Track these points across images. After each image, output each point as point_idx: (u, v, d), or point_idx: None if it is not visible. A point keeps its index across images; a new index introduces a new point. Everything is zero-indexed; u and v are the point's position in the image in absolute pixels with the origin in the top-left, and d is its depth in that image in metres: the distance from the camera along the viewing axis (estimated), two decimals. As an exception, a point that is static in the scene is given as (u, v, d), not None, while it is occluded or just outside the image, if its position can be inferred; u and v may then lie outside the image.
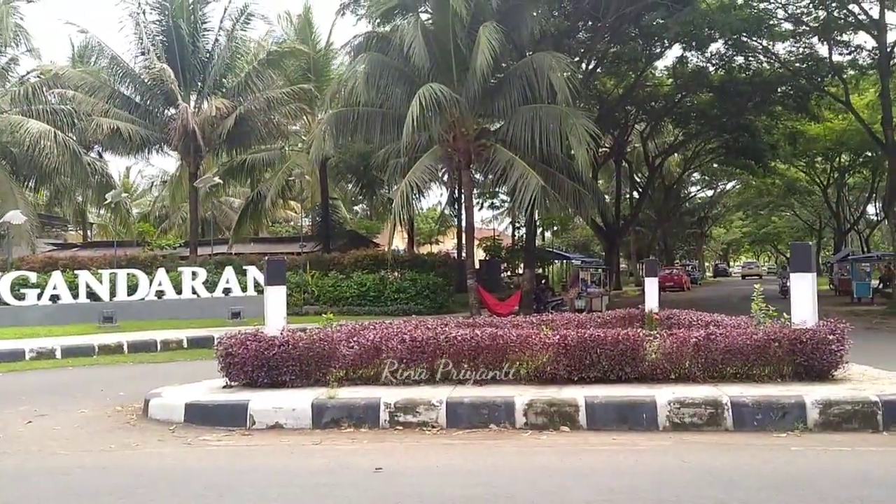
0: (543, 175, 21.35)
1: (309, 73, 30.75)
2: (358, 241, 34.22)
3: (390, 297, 24.32)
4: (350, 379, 8.97)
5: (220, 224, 41.82)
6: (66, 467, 6.61)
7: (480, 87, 21.47)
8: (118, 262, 23.30)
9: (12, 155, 28.42)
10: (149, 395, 9.16)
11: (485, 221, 54.30)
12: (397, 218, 21.57)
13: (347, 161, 30.86)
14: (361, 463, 6.62)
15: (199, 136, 26.32)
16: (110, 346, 16.16)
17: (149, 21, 27.78)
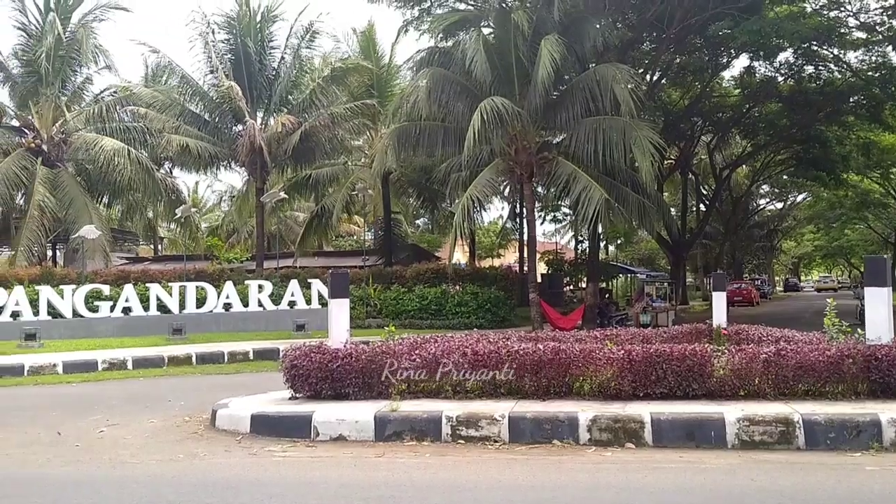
0: (607, 188, 21.13)
1: (372, 88, 31.13)
2: (419, 255, 34.39)
3: (451, 310, 24.32)
4: (412, 392, 8.98)
5: (285, 238, 42.56)
6: (136, 476, 6.75)
7: (542, 99, 21.39)
8: (187, 276, 23.86)
9: (87, 171, 29.47)
10: (216, 406, 9.33)
11: (547, 235, 54.02)
12: (458, 232, 21.55)
13: (409, 175, 31.06)
14: (424, 477, 6.62)
15: (265, 152, 26.85)
16: (179, 357, 16.52)
17: (217, 40, 28.52)
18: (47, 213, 25.85)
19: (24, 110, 28.59)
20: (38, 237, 26.16)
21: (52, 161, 27.79)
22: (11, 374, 14.76)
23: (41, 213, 25.62)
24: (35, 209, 25.49)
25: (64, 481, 6.74)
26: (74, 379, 14.49)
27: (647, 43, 29.44)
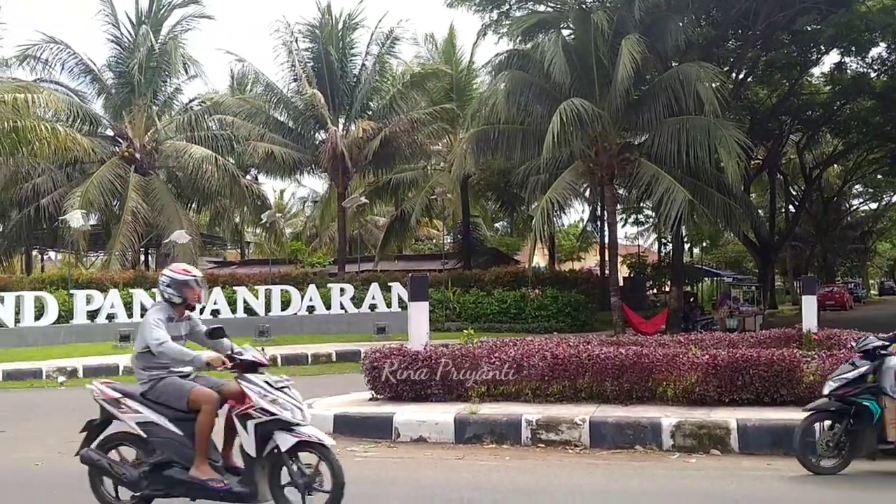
0: (691, 189, 20.66)
1: (451, 92, 31.26)
2: (498, 259, 34.31)
3: (531, 314, 24.17)
4: (491, 395, 8.99)
5: (366, 242, 43.08)
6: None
7: (623, 100, 21.08)
8: (272, 279, 24.42)
9: (178, 178, 30.52)
10: (300, 406, 9.52)
11: (629, 237, 53.11)
12: (538, 235, 21.39)
13: (488, 179, 31.03)
14: (504, 479, 6.61)
15: (346, 158, 27.29)
16: (265, 358, 16.89)
17: (301, 49, 29.15)
18: (140, 218, 26.85)
19: (118, 120, 29.80)
20: (131, 242, 27.20)
21: (145, 169, 28.88)
22: (108, 373, 15.38)
23: (134, 219, 26.64)
24: (128, 215, 26.52)
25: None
26: (166, 378, 14.98)
27: (731, 40, 28.64)
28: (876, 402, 6.47)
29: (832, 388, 6.69)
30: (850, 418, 6.60)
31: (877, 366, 6.60)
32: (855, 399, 6.54)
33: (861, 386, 6.57)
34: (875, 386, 6.54)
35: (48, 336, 19.26)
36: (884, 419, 6.43)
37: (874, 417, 6.43)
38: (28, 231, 30.04)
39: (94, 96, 30.49)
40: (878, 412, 6.43)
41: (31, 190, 28.23)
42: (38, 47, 28.40)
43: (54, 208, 27.33)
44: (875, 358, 6.63)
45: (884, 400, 6.47)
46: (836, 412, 6.67)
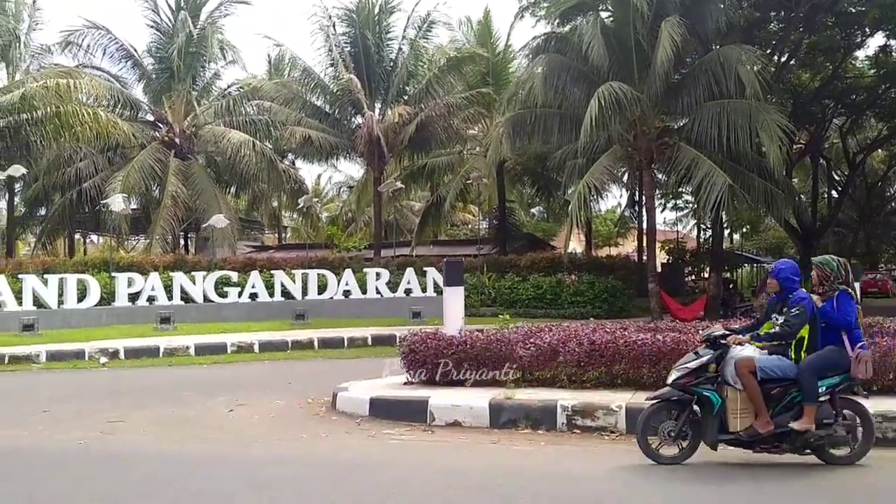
0: (731, 174, 20.33)
1: (488, 76, 31.07)
2: (534, 244, 34.17)
3: (567, 300, 24.04)
4: (526, 380, 8.97)
5: (401, 227, 43.20)
6: (262, 455, 7.04)
7: (663, 83, 20.78)
8: (309, 263, 24.58)
9: (216, 163, 30.85)
10: (337, 389, 9.61)
11: (667, 223, 52.50)
12: (574, 220, 21.23)
13: (524, 163, 30.83)
14: (539, 465, 6.60)
15: (382, 143, 27.31)
16: (302, 341, 17.09)
17: (338, 33, 29.18)
18: (180, 203, 27.19)
19: (157, 105, 30.15)
20: (171, 226, 27.58)
21: (184, 153, 29.20)
22: (148, 355, 15.68)
23: (174, 203, 26.98)
24: (168, 199, 26.87)
25: (198, 458, 7.10)
26: (205, 361, 15.25)
27: (774, 23, 28.03)
28: (717, 393, 6.41)
29: (674, 378, 6.59)
30: (692, 408, 6.53)
31: (719, 356, 6.50)
32: (696, 389, 6.47)
33: (703, 376, 6.50)
34: (717, 376, 6.48)
35: (90, 318, 19.62)
36: (725, 409, 6.38)
37: (715, 408, 6.39)
38: (71, 214, 30.60)
39: (135, 82, 30.89)
40: (718, 402, 6.38)
41: (73, 174, 28.73)
42: (79, 33, 28.79)
43: (96, 192, 27.79)
44: (718, 347, 6.53)
45: (726, 390, 6.40)
46: (678, 401, 6.58)
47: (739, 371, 6.30)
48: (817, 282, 6.61)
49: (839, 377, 6.35)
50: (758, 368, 6.31)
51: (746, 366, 6.30)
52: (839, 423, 6.36)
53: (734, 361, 6.37)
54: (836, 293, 6.43)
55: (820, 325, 6.46)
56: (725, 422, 6.38)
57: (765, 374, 6.32)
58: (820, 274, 6.57)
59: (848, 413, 6.46)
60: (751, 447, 6.45)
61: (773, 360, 6.39)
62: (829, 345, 6.41)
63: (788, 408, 6.35)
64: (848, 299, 6.41)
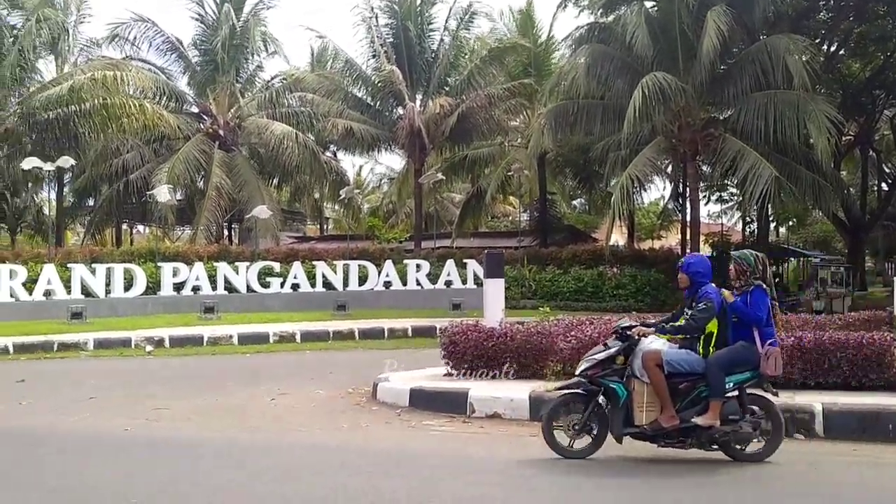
0: (778, 166, 19.98)
1: (530, 67, 30.88)
2: (576, 236, 33.93)
3: (609, 293, 23.84)
4: (567, 373, 8.90)
5: (442, 219, 43.24)
6: (305, 443, 7.10)
7: (708, 74, 20.49)
8: (350, 254, 24.74)
9: (259, 155, 31.16)
10: (377, 380, 9.66)
11: (711, 216, 51.73)
12: (617, 212, 21.08)
13: (566, 155, 30.61)
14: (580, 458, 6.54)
15: (424, 134, 27.34)
16: (343, 332, 17.21)
17: (380, 25, 29.25)
18: (224, 194, 27.54)
19: (202, 97, 30.54)
20: (215, 217, 27.95)
21: (228, 145, 29.55)
22: (192, 343, 15.92)
23: (218, 195, 27.34)
24: (213, 190, 27.23)
25: (244, 446, 7.19)
26: (248, 350, 15.44)
27: (823, 12, 27.40)
28: (623, 385, 6.29)
29: (582, 369, 6.46)
30: (599, 400, 6.40)
31: (627, 348, 6.37)
32: (603, 380, 6.34)
33: (610, 367, 6.38)
34: (625, 368, 6.35)
35: (136, 306, 19.98)
36: (632, 402, 6.26)
37: (620, 400, 6.27)
38: (118, 205, 31.18)
39: (180, 74, 31.33)
40: (623, 395, 6.27)
41: (120, 165, 29.26)
42: (126, 26, 29.25)
43: (142, 183, 28.28)
44: (626, 339, 6.38)
45: (633, 383, 6.27)
46: (584, 393, 6.46)
47: (646, 364, 6.20)
48: (734, 276, 6.45)
49: (748, 373, 6.23)
50: (664, 362, 6.19)
51: (653, 359, 6.20)
52: (746, 419, 6.23)
53: (641, 354, 6.27)
54: (751, 288, 6.30)
55: (731, 320, 6.32)
56: (632, 415, 6.26)
57: (672, 368, 6.21)
58: (737, 268, 6.42)
59: (757, 410, 6.33)
60: (656, 441, 6.33)
61: (680, 354, 6.29)
62: (740, 340, 6.28)
63: (695, 402, 6.22)
64: (761, 295, 6.26)
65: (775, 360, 6.18)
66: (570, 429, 6.42)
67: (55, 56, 29.25)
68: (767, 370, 6.18)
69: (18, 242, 40.08)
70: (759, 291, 6.26)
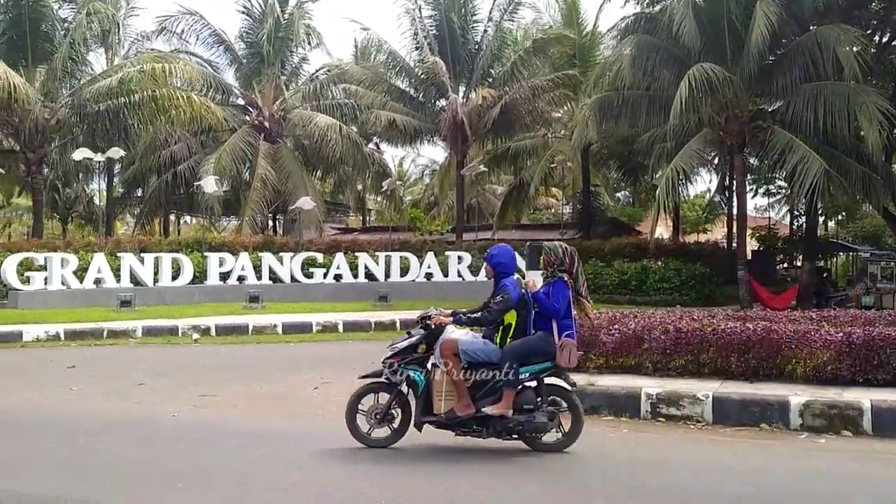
0: (827, 159, 19.56)
1: (574, 58, 30.61)
2: (619, 229, 33.63)
3: (652, 286, 23.62)
4: (609, 367, 8.87)
5: (484, 210, 43.17)
6: (344, 431, 7.13)
7: (756, 64, 20.11)
8: (392, 246, 24.87)
9: (304, 147, 31.46)
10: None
11: (758, 209, 50.90)
12: (661, 205, 20.82)
13: (610, 147, 30.33)
14: (622, 452, 6.53)
15: (466, 126, 27.31)
16: (384, 322, 17.32)
17: (423, 17, 29.28)
18: (269, 185, 27.87)
19: (248, 89, 30.89)
20: (260, 207, 28.30)
21: (273, 137, 29.87)
22: (238, 332, 16.16)
23: (263, 186, 27.67)
24: (258, 182, 27.57)
25: (284, 433, 7.30)
26: (292, 339, 15.62)
27: (875, 2, 26.73)
28: (422, 373, 6.35)
29: (385, 357, 6.49)
30: (401, 389, 6.45)
31: (429, 336, 6.43)
32: (404, 369, 6.41)
33: (410, 356, 6.45)
34: (426, 356, 6.40)
35: (183, 295, 20.34)
36: (431, 390, 6.29)
37: (420, 388, 6.34)
38: (166, 195, 31.74)
39: (227, 66, 31.74)
40: (422, 383, 6.33)
41: (168, 156, 29.78)
42: (174, 19, 29.72)
43: (190, 174, 28.74)
44: (429, 328, 6.43)
45: (434, 371, 6.30)
46: (387, 382, 6.49)
47: (443, 353, 6.27)
48: (544, 266, 6.56)
49: (544, 364, 6.30)
50: (461, 351, 6.25)
51: (450, 348, 6.26)
52: (542, 409, 6.27)
53: (440, 343, 6.31)
54: (554, 280, 6.39)
55: (533, 311, 6.38)
56: (430, 404, 6.31)
57: (469, 357, 6.26)
58: (546, 259, 6.55)
59: (556, 400, 6.40)
60: (452, 429, 6.38)
61: (476, 344, 6.35)
62: (542, 331, 6.34)
63: (493, 392, 6.26)
64: (562, 287, 6.35)
65: (570, 351, 6.27)
66: (372, 417, 6.52)
67: (105, 49, 29.81)
68: (562, 361, 6.26)
69: (70, 232, 41.09)
70: (560, 283, 6.36)
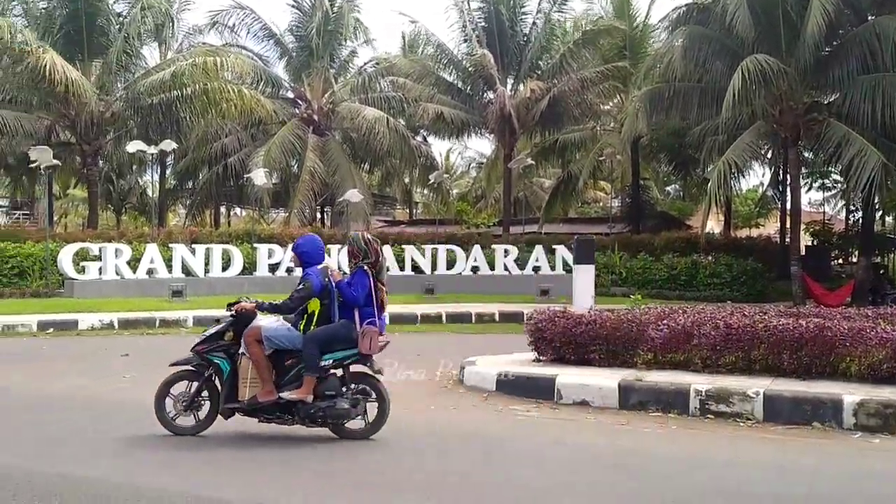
0: (885, 152, 19.02)
1: (625, 50, 30.22)
2: (669, 223, 33.17)
3: (703, 281, 23.29)
4: (658, 362, 8.75)
5: (531, 204, 42.98)
6: (396, 423, 7.17)
7: (812, 56, 19.65)
8: (438, 239, 24.90)
9: (351, 139, 31.64)
10: (464, 364, 9.71)
11: (813, 204, 49.79)
12: (713, 199, 20.49)
13: (660, 139, 29.90)
14: (670, 448, 6.45)
15: (514, 119, 27.19)
16: (430, 315, 17.36)
17: (471, 9, 29.21)
18: (317, 177, 28.11)
19: (297, 83, 31.18)
20: (308, 200, 28.57)
21: (322, 130, 30.11)
22: (286, 323, 16.32)
23: (311, 178, 27.92)
24: (306, 174, 27.83)
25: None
26: (338, 330, 15.70)
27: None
28: (227, 361, 6.44)
29: (194, 345, 6.51)
30: (209, 376, 6.52)
31: (235, 323, 6.53)
32: (209, 356, 6.50)
33: (216, 343, 6.53)
34: (233, 344, 6.48)
35: (233, 286, 20.58)
36: (237, 377, 6.38)
37: (225, 375, 6.43)
38: (217, 187, 32.26)
39: (276, 60, 32.10)
40: (227, 370, 6.43)
41: (219, 149, 30.21)
42: (226, 13, 30.14)
43: (240, 166, 29.13)
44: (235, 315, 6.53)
45: (241, 359, 6.40)
46: (196, 369, 6.56)
47: (246, 339, 6.37)
48: (348, 257, 6.74)
49: (347, 351, 6.42)
50: (264, 338, 6.36)
51: (252, 335, 6.36)
52: (345, 396, 6.38)
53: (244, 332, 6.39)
54: (356, 270, 6.55)
55: (336, 300, 6.52)
56: (236, 391, 6.38)
57: (272, 344, 6.37)
58: (350, 250, 6.71)
59: (366, 389, 6.53)
60: (256, 416, 6.44)
61: (281, 331, 6.47)
62: (345, 319, 6.49)
63: (297, 378, 6.35)
64: (362, 277, 6.49)
65: (370, 339, 6.36)
66: (179, 404, 6.54)
67: (159, 43, 30.38)
68: (363, 348, 6.36)
69: (123, 222, 42.00)
70: (360, 273, 6.50)
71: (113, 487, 5.12)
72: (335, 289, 6.52)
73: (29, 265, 20.25)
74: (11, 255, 20.22)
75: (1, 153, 28.73)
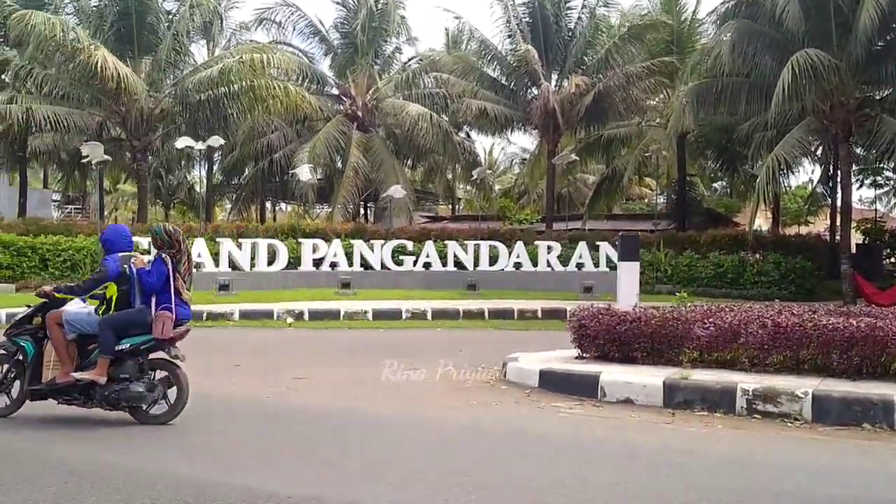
0: (941, 149, 18.57)
1: (672, 44, 29.85)
2: (715, 220, 32.73)
3: (750, 279, 22.93)
4: (703, 361, 8.64)
5: (574, 200, 42.69)
6: (435, 419, 7.22)
7: (864, 50, 19.21)
8: (481, 235, 24.89)
9: (395, 136, 31.80)
10: (507, 360, 9.70)
11: (864, 201, 48.70)
12: (761, 196, 20.18)
13: (707, 135, 29.49)
14: (716, 448, 6.37)
15: (558, 114, 27.05)
16: (473, 311, 17.37)
17: (516, 4, 29.11)
18: (360, 173, 28.31)
19: (342, 79, 31.41)
20: (352, 195, 28.79)
21: (366, 126, 30.30)
22: (330, 317, 16.52)
23: (355, 174, 28.13)
24: (350, 170, 28.04)
25: (372, 417, 7.42)
26: (382, 325, 15.87)
27: None
28: (33, 344, 6.69)
29: (5, 329, 6.84)
30: (19, 359, 6.77)
31: (44, 307, 6.76)
32: (15, 339, 6.77)
33: (24, 327, 6.80)
34: (41, 327, 6.71)
35: (278, 280, 20.91)
36: (41, 361, 6.65)
37: (29, 358, 6.67)
38: (262, 183, 32.68)
39: (322, 56, 32.42)
40: (31, 353, 6.67)
41: (265, 145, 30.58)
42: (272, 10, 30.51)
43: (285, 162, 29.46)
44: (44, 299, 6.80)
45: (46, 342, 6.67)
46: (5, 352, 6.87)
47: (48, 322, 6.63)
48: (154, 246, 7.00)
49: (143, 336, 6.62)
50: (65, 321, 6.60)
51: (54, 318, 6.62)
52: (143, 381, 6.59)
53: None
54: (155, 258, 6.78)
55: (136, 286, 6.68)
56: (39, 374, 6.63)
57: (71, 328, 6.61)
58: (153, 240, 6.95)
59: (167, 375, 6.74)
60: (55, 398, 6.63)
61: (80, 315, 6.68)
62: (143, 304, 6.68)
63: (96, 362, 6.54)
64: (160, 265, 6.69)
65: (163, 323, 6.57)
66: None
67: (207, 40, 30.85)
68: (156, 332, 6.57)
69: (172, 217, 42.76)
70: (159, 261, 6.71)
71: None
72: (135, 275, 6.73)
73: (80, 258, 20.75)
74: (64, 249, 20.76)
75: (54, 148, 29.46)
